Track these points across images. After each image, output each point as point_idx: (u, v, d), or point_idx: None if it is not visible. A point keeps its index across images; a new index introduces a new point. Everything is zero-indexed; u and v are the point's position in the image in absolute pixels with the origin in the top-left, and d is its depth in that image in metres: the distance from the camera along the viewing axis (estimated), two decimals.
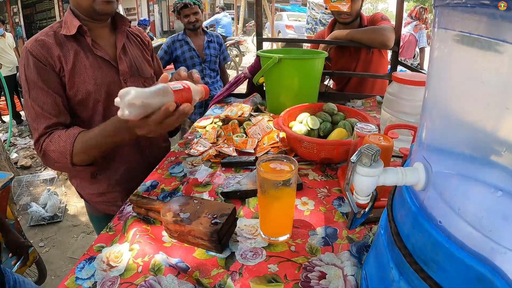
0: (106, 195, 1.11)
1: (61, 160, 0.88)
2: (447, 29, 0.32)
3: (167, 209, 0.71)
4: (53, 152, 0.88)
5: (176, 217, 0.68)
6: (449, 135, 0.36)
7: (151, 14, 14.66)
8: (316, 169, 0.97)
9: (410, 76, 1.03)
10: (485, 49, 0.29)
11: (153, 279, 0.59)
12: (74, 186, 1.15)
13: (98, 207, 1.15)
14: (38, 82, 0.89)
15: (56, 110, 0.91)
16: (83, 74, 0.95)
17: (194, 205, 0.72)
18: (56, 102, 0.91)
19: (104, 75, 0.99)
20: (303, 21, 10.34)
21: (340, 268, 0.61)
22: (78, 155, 0.87)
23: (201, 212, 0.69)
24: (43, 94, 0.89)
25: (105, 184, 1.09)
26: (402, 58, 4.26)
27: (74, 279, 0.62)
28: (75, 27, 0.94)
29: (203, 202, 0.73)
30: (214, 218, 0.67)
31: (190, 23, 2.47)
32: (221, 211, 0.69)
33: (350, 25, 1.73)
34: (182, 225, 0.66)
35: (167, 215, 0.69)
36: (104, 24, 1.03)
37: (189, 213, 0.69)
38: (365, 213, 0.42)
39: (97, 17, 0.98)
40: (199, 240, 0.66)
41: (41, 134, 0.89)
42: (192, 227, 0.65)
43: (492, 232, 0.30)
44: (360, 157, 0.36)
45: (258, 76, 1.37)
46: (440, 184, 0.36)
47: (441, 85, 0.36)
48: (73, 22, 0.95)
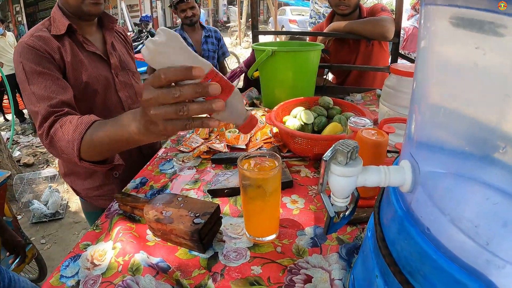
0: (103, 187, 1.11)
1: (68, 150, 0.74)
2: (434, 5, 0.28)
3: (150, 207, 0.68)
4: (60, 140, 0.75)
5: (158, 216, 0.65)
6: (440, 128, 0.32)
7: (154, 10, 14.63)
8: (309, 165, 0.93)
9: (409, 68, 0.98)
10: (479, 25, 0.24)
11: (131, 279, 0.57)
12: (68, 184, 1.14)
13: (95, 203, 1.15)
14: (37, 67, 0.85)
15: (58, 88, 0.86)
16: (81, 67, 0.96)
17: (177, 203, 0.69)
18: (58, 83, 0.87)
19: (99, 69, 1.01)
20: (306, 15, 10.24)
21: (328, 271, 0.57)
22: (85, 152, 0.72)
23: (184, 211, 0.66)
24: (43, 77, 0.85)
25: (101, 177, 1.09)
26: (406, 52, 4.18)
27: (59, 277, 0.60)
28: (64, 26, 0.95)
29: (187, 200, 0.70)
30: (196, 217, 0.63)
31: (187, 18, 2.43)
32: (204, 209, 0.65)
33: (349, 17, 1.68)
34: (164, 224, 0.63)
35: (150, 214, 0.66)
36: (91, 22, 1.05)
37: (172, 212, 0.66)
38: (345, 216, 0.38)
39: (84, 17, 1.00)
40: (181, 239, 0.63)
41: (44, 115, 0.79)
42: (173, 226, 0.62)
43: (488, 242, 0.26)
44: (335, 155, 0.32)
45: (252, 69, 1.33)
46: (429, 185, 0.31)
47: (430, 70, 0.32)
48: (62, 20, 0.95)
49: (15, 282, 1.07)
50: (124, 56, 1.14)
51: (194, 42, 2.52)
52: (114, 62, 1.06)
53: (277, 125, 0.94)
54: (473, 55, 0.26)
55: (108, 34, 1.08)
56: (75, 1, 0.94)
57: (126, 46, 1.20)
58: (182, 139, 1.15)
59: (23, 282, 1.12)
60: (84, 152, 0.72)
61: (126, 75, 1.11)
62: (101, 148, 0.71)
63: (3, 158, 3.04)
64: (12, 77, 4.62)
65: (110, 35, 1.08)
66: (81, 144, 0.71)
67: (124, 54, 1.14)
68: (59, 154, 0.80)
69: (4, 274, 1.05)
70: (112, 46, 1.09)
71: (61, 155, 0.79)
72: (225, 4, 20.48)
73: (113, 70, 1.06)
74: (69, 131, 0.74)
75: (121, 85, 1.08)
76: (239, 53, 8.75)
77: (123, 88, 1.09)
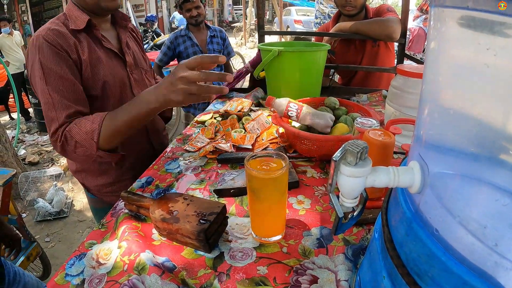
0: (116, 184, 1.11)
1: (86, 142, 0.82)
2: (444, 7, 0.28)
3: (156, 207, 0.68)
4: (77, 134, 0.82)
5: (164, 215, 0.65)
6: (449, 129, 0.32)
7: (159, 10, 14.67)
8: (315, 166, 0.93)
9: (415, 69, 0.98)
10: (489, 26, 0.24)
11: (136, 278, 0.57)
12: (79, 181, 1.14)
13: (105, 199, 1.15)
14: (55, 67, 0.85)
15: (75, 98, 0.87)
16: (99, 65, 0.96)
17: (183, 203, 0.69)
18: (75, 90, 0.88)
19: (116, 66, 1.02)
20: (311, 16, 10.22)
21: (334, 272, 0.57)
22: (105, 138, 0.82)
23: (190, 210, 0.66)
24: (61, 81, 0.86)
25: (115, 173, 1.10)
26: (411, 52, 4.16)
27: (64, 276, 0.61)
28: (84, 21, 0.94)
29: (193, 200, 0.70)
30: (202, 216, 0.64)
31: (192, 18, 2.43)
32: (210, 209, 0.66)
33: (355, 17, 1.68)
34: (170, 223, 0.64)
35: (156, 213, 0.67)
36: (106, 18, 1.05)
37: (178, 211, 0.66)
38: (353, 217, 0.38)
39: (101, 12, 0.99)
40: (187, 239, 0.63)
41: (61, 123, 0.84)
42: (179, 225, 0.63)
43: (497, 243, 0.26)
44: (344, 155, 0.32)
45: (258, 69, 1.33)
46: (438, 186, 0.31)
47: (440, 71, 0.31)
48: (81, 16, 0.94)
49: (20, 276, 1.09)
50: (137, 54, 1.14)
51: (200, 42, 2.52)
52: (129, 60, 1.06)
53: (284, 126, 0.94)
54: (483, 57, 0.26)
55: (123, 32, 1.08)
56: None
57: (138, 44, 1.20)
58: (188, 139, 1.16)
59: (27, 276, 1.13)
60: (103, 139, 0.82)
61: (139, 73, 1.12)
62: (120, 130, 0.83)
63: (9, 157, 3.07)
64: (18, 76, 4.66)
65: (124, 33, 1.08)
66: (101, 131, 0.81)
67: (137, 52, 1.14)
68: (73, 150, 0.85)
69: (10, 268, 1.07)
70: (127, 44, 1.09)
71: (75, 152, 0.85)
72: (230, 4, 20.52)
73: (128, 68, 1.06)
74: (86, 125, 0.82)
75: (136, 83, 1.08)
76: (244, 53, 8.75)
77: (138, 86, 1.09)
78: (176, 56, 2.58)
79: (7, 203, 1.73)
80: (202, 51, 2.52)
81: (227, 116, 1.26)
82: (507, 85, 0.25)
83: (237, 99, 1.37)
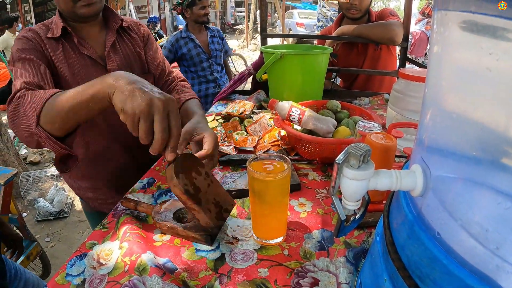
0: (96, 191, 1.09)
1: (29, 112, 0.69)
2: (447, 10, 0.28)
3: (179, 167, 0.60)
4: (27, 103, 0.70)
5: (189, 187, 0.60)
6: (451, 133, 0.32)
7: (162, 11, 14.72)
8: (317, 169, 0.93)
9: (417, 72, 0.98)
10: (492, 30, 0.24)
11: (137, 279, 0.57)
12: (66, 183, 1.13)
13: (90, 204, 1.14)
14: (24, 54, 0.86)
15: (40, 78, 0.83)
16: (69, 69, 0.93)
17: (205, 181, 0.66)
18: (41, 71, 0.85)
19: (90, 73, 0.96)
20: (314, 19, 10.27)
21: (335, 275, 0.57)
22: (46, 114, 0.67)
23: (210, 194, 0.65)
24: (28, 62, 0.85)
25: (95, 180, 1.08)
26: (413, 56, 4.16)
27: (64, 275, 0.61)
28: (59, 28, 0.93)
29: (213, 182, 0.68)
30: (220, 209, 0.65)
31: (206, 15, 2.42)
32: (226, 203, 0.68)
33: (358, 21, 1.68)
34: (193, 201, 0.60)
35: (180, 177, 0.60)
36: (94, 23, 1.00)
37: (200, 189, 0.63)
38: (355, 219, 0.38)
39: (81, 20, 0.97)
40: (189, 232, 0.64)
41: (19, 88, 0.76)
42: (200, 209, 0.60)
43: (499, 247, 0.26)
44: (347, 158, 0.32)
45: (260, 72, 1.33)
46: (440, 190, 0.31)
47: (442, 75, 0.32)
48: (58, 23, 0.94)
49: (21, 273, 1.09)
50: (130, 58, 1.05)
51: (202, 43, 2.50)
52: (113, 67, 0.99)
53: (286, 128, 0.95)
54: (486, 61, 0.26)
55: (110, 36, 1.01)
56: (66, 6, 0.92)
57: (138, 44, 1.10)
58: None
59: (28, 273, 1.13)
60: (44, 115, 0.67)
61: None
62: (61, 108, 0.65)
63: (10, 156, 3.07)
64: None
65: (112, 36, 1.02)
66: (46, 104, 0.67)
67: (131, 56, 1.06)
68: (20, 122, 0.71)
69: (11, 265, 1.07)
70: (114, 48, 1.02)
71: (21, 124, 0.71)
72: (233, 6, 20.58)
73: None
74: (38, 94, 0.69)
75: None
76: (246, 56, 8.76)
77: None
78: (178, 58, 2.55)
79: (8, 202, 1.73)
80: (205, 52, 2.52)
81: (229, 118, 1.27)
82: (509, 89, 0.25)
83: (239, 101, 1.38)
